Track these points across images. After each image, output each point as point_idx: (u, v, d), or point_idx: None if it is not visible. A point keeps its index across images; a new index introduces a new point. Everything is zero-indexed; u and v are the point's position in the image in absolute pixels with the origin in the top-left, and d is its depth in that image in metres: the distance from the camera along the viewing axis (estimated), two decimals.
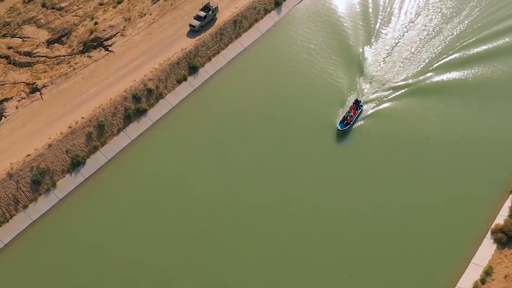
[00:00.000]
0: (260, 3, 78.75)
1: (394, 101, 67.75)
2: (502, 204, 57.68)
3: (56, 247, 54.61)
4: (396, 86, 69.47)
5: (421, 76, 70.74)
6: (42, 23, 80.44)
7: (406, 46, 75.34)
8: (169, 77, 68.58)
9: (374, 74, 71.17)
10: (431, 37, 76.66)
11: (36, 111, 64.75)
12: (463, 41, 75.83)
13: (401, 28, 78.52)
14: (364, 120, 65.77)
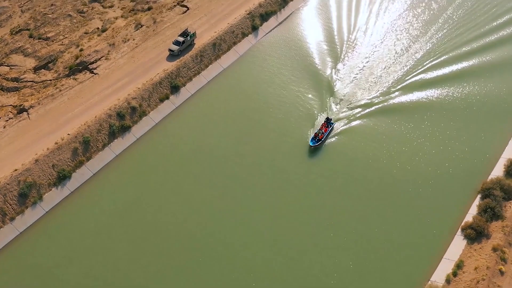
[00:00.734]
0: (238, 27, 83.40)
1: (362, 119, 70.77)
2: (470, 204, 60.72)
3: (42, 258, 55.69)
4: (364, 105, 72.73)
5: (387, 95, 74.32)
6: (29, 52, 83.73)
7: (373, 67, 79.65)
8: (152, 96, 71.78)
9: (343, 95, 74.65)
10: (396, 58, 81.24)
11: (23, 129, 67.09)
12: (427, 63, 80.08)
13: (368, 50, 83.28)
14: (334, 137, 68.57)
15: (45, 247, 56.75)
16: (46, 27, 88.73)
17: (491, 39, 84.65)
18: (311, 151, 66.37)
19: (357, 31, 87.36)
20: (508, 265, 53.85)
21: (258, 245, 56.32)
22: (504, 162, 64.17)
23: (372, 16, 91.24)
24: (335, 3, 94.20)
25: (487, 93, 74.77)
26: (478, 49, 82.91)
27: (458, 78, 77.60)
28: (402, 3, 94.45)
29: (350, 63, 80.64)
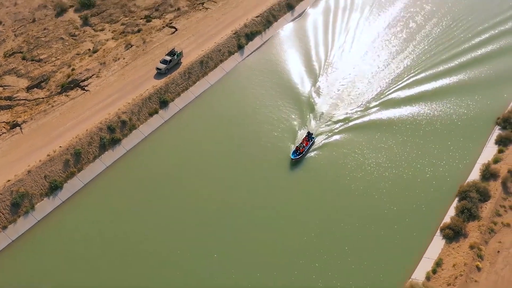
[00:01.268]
0: (224, 46, 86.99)
1: (342, 134, 73.00)
2: (449, 207, 63.24)
3: (33, 265, 57.03)
4: (343, 120, 75.39)
5: (365, 111, 76.95)
6: (22, 73, 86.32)
7: (351, 85, 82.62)
8: (142, 110, 74.42)
9: (323, 111, 77.27)
10: (374, 76, 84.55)
11: (16, 143, 69.16)
12: (404, 81, 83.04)
13: (347, 68, 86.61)
14: (315, 150, 70.86)
15: (36, 255, 58.03)
16: (39, 49, 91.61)
17: (465, 59, 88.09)
18: (292, 163, 68.68)
19: (336, 50, 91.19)
20: (484, 261, 56.03)
21: (242, 255, 57.87)
22: (480, 166, 67.00)
23: (350, 35, 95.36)
24: (316, 24, 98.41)
25: (464, 107, 77.83)
26: (454, 68, 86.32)
27: (435, 95, 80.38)
28: (379, 23, 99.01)
29: (330, 81, 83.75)
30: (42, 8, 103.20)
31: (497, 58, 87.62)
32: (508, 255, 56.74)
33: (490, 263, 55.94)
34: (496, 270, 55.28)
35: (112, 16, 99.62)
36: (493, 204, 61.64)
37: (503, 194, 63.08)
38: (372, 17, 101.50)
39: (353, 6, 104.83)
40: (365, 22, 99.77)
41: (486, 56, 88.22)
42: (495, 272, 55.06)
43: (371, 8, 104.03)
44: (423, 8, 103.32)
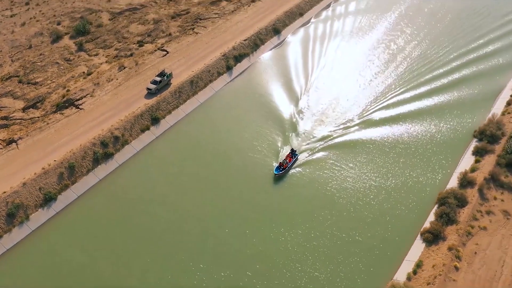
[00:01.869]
0: (213, 67, 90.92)
1: (322, 152, 75.55)
2: (429, 213, 66.04)
3: (27, 273, 58.78)
4: (324, 138, 78.20)
5: (345, 130, 79.83)
6: (18, 95, 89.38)
7: (333, 104, 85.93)
8: (134, 126, 77.43)
9: (306, 130, 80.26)
10: (355, 96, 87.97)
11: (12, 158, 71.64)
12: (383, 102, 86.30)
13: (330, 88, 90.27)
14: (298, 167, 73.38)
15: (30, 264, 59.86)
16: (35, 73, 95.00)
17: (444, 81, 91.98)
18: (275, 178, 71.17)
19: (319, 71, 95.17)
20: (462, 262, 58.44)
21: (227, 267, 59.43)
22: (458, 175, 70.17)
23: (332, 58, 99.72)
24: (301, 47, 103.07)
25: (443, 123, 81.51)
26: (434, 88, 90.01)
27: (416, 113, 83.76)
28: (362, 44, 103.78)
29: (312, 101, 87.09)
30: (38, 35, 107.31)
31: (473, 80, 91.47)
32: (485, 256, 59.25)
33: (467, 264, 58.36)
34: (473, 269, 57.66)
35: (106, 42, 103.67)
36: (470, 209, 64.45)
37: (479, 200, 65.97)
38: (353, 40, 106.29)
39: (336, 30, 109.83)
40: (347, 45, 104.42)
41: (463, 78, 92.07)
42: (472, 272, 57.43)
43: (353, 31, 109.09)
44: (404, 31, 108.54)
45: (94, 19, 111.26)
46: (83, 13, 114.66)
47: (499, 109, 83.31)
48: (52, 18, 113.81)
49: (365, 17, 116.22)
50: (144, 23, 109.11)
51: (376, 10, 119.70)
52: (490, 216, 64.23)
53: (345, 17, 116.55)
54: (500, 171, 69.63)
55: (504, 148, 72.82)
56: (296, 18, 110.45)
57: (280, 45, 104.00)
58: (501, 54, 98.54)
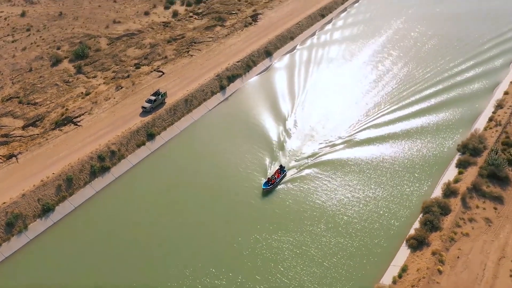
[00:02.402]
0: (207, 87, 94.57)
1: (311, 168, 78.13)
2: (414, 221, 68.59)
3: (25, 280, 60.68)
4: (310, 157, 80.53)
5: (333, 148, 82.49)
6: (18, 114, 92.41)
7: (317, 127, 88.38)
8: (130, 142, 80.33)
9: (292, 149, 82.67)
10: (341, 116, 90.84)
11: (12, 171, 74.15)
12: (368, 123, 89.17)
13: (316, 108, 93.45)
14: (285, 183, 75.69)
15: (28, 271, 61.81)
16: (35, 94, 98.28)
17: (429, 103, 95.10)
18: (263, 193, 73.46)
19: (308, 92, 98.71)
20: (445, 265, 60.65)
21: (217, 277, 61.25)
22: (441, 186, 72.99)
23: (321, 79, 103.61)
24: (291, 69, 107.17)
25: (428, 138, 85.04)
26: (420, 108, 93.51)
27: (401, 133, 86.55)
28: (351, 67, 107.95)
29: (300, 120, 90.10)
30: (39, 59, 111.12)
31: (458, 101, 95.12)
32: (467, 260, 61.52)
33: (450, 267, 60.57)
34: (456, 272, 59.85)
35: (104, 65, 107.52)
36: (453, 217, 67.00)
37: (462, 208, 68.59)
38: (340, 62, 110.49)
39: (326, 52, 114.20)
40: (334, 66, 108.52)
41: (447, 101, 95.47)
42: (455, 275, 59.60)
43: (340, 54, 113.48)
44: (390, 54, 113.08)
45: (93, 44, 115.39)
46: (82, 38, 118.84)
47: (481, 124, 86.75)
48: (52, 43, 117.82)
49: (348, 44, 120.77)
50: (141, 47, 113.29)
51: (363, 35, 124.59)
52: (473, 223, 66.74)
53: (330, 44, 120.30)
54: (482, 181, 72.49)
55: (486, 160, 75.79)
56: (287, 41, 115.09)
57: (267, 70, 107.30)
58: (481, 77, 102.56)
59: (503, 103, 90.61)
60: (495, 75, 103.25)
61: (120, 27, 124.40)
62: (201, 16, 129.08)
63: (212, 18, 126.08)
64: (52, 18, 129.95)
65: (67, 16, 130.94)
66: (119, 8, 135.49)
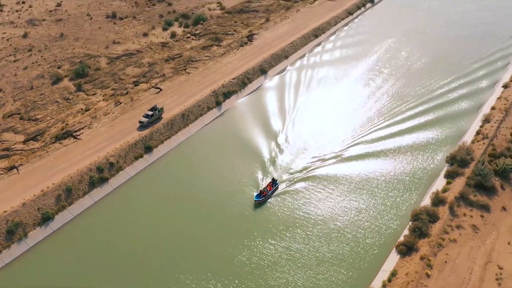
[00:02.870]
0: (204, 102, 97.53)
1: (301, 182, 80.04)
2: (404, 228, 70.72)
3: (24, 286, 62.40)
4: (299, 172, 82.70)
5: (324, 162, 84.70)
6: (19, 130, 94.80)
7: (305, 144, 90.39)
8: (128, 154, 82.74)
9: (282, 165, 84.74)
10: (331, 133, 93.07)
11: (13, 182, 76.27)
12: (354, 142, 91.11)
13: (307, 125, 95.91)
14: (278, 195, 77.54)
15: (27, 278, 63.46)
16: (36, 111, 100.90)
17: (420, 120, 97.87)
18: (255, 205, 75.49)
19: (298, 109, 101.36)
20: (433, 270, 62.51)
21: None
22: (430, 195, 75.33)
23: (313, 95, 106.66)
24: (284, 87, 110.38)
25: (419, 151, 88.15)
26: (410, 123, 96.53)
27: (393, 147, 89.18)
28: (340, 87, 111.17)
29: (292, 136, 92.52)
30: (40, 77, 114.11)
31: (445, 119, 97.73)
32: (454, 265, 63.43)
33: (438, 271, 62.42)
34: (444, 276, 61.70)
35: (103, 83, 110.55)
36: (441, 224, 69.12)
37: (450, 216, 70.77)
38: (330, 81, 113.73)
39: (319, 68, 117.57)
40: (327, 83, 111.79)
41: (436, 118, 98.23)
42: (443, 278, 61.44)
43: (333, 71, 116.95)
44: (382, 72, 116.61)
45: (93, 63, 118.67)
46: (82, 58, 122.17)
47: (469, 137, 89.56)
48: (53, 62, 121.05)
49: (337, 66, 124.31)
50: (140, 66, 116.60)
51: (356, 54, 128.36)
52: (460, 230, 68.85)
53: (320, 66, 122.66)
54: (469, 190, 74.85)
55: (473, 171, 78.29)
56: (282, 60, 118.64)
57: (260, 88, 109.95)
58: (468, 96, 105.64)
59: (490, 118, 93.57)
60: (481, 94, 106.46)
61: (120, 47, 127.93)
62: (198, 37, 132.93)
63: (209, 38, 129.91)
64: (53, 39, 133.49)
65: (68, 37, 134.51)
66: (118, 30, 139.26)
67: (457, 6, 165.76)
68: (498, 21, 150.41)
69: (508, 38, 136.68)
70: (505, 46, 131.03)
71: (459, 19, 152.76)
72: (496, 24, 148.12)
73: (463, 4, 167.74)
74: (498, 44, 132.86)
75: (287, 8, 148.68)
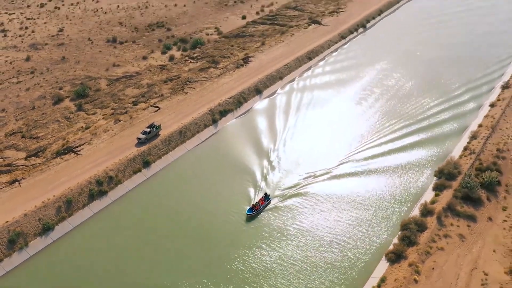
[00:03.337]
0: (200, 120, 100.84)
1: (294, 197, 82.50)
2: (393, 238, 73.17)
3: None
4: (290, 188, 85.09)
5: (311, 179, 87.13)
6: (21, 147, 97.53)
7: (296, 161, 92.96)
8: (127, 169, 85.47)
9: (274, 181, 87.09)
10: (321, 153, 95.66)
11: (15, 194, 78.73)
12: (347, 159, 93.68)
13: (298, 145, 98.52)
14: (271, 210, 79.81)
15: (27, 285, 65.43)
16: (37, 129, 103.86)
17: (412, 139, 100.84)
18: (247, 218, 77.73)
19: (289, 129, 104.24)
20: (421, 276, 64.67)
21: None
22: (419, 206, 77.98)
23: (303, 118, 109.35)
24: (277, 108, 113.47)
25: (410, 166, 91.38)
26: (401, 141, 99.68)
27: (384, 163, 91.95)
28: (330, 108, 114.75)
29: (284, 154, 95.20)
30: (41, 98, 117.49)
31: (434, 138, 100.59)
32: (442, 272, 65.63)
33: (426, 277, 64.58)
34: (431, 282, 63.85)
35: (103, 103, 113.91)
36: (429, 233, 71.56)
37: (437, 226, 73.25)
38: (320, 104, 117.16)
39: (313, 88, 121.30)
40: (319, 103, 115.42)
41: (425, 138, 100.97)
42: (430, 284, 63.57)
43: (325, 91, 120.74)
44: (373, 92, 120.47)
45: (93, 85, 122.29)
46: (83, 80, 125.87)
47: (457, 153, 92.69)
48: (54, 84, 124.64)
49: (324, 91, 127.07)
50: (139, 87, 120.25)
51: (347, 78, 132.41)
52: (447, 239, 71.25)
53: (311, 89, 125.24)
54: (456, 202, 77.54)
55: (460, 184, 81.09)
56: (276, 80, 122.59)
57: (246, 113, 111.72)
58: (455, 119, 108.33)
59: (477, 134, 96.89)
60: (467, 116, 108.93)
61: (119, 69, 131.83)
62: (196, 59, 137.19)
63: (206, 61, 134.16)
64: (55, 62, 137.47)
65: (69, 60, 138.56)
66: (118, 53, 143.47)
67: (446, 29, 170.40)
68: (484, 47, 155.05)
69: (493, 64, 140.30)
70: (490, 71, 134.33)
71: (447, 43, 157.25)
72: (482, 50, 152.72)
73: (455, 27, 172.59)
74: (484, 69, 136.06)
75: (282, 32, 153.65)
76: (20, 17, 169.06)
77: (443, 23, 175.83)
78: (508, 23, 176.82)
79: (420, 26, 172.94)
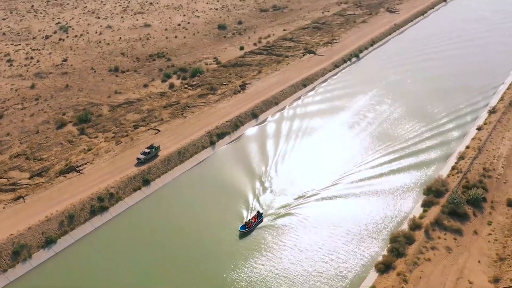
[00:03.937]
0: (198, 142, 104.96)
1: (282, 218, 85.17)
2: (383, 250, 76.20)
3: None
4: (282, 208, 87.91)
5: (302, 200, 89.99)
6: (25, 168, 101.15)
7: (289, 182, 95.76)
8: (127, 186, 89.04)
9: (266, 201, 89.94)
10: (313, 172, 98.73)
11: (20, 210, 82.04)
12: (338, 181, 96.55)
13: (289, 166, 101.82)
14: (260, 228, 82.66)
15: None
16: (41, 152, 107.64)
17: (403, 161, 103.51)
18: (240, 235, 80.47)
19: (284, 153, 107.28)
20: (409, 284, 67.49)
21: None
22: (407, 221, 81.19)
23: (294, 142, 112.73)
24: (270, 133, 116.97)
25: (400, 186, 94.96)
26: (393, 163, 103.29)
27: (375, 180, 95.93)
28: (321, 134, 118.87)
29: (277, 175, 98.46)
30: (45, 123, 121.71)
31: (423, 162, 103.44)
32: (429, 280, 68.42)
33: (413, 285, 67.35)
34: None
35: (105, 127, 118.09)
36: (417, 245, 74.60)
37: (425, 239, 76.31)
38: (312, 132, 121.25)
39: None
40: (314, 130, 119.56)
41: (413, 162, 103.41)
42: None
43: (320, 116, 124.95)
44: (366, 116, 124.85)
45: (96, 111, 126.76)
46: (86, 106, 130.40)
47: (445, 172, 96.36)
48: (58, 110, 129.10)
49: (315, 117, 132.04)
50: (140, 112, 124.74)
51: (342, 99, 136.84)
52: (434, 250, 74.23)
53: (302, 118, 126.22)
54: (443, 217, 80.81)
55: (447, 200, 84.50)
56: (272, 106, 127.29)
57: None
58: (440, 146, 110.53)
59: (464, 155, 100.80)
60: (453, 143, 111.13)
61: (121, 96, 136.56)
62: (195, 87, 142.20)
63: (204, 88, 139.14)
64: (59, 89, 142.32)
65: (72, 88, 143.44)
66: (120, 81, 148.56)
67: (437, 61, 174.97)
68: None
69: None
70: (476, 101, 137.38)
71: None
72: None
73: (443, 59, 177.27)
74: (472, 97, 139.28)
75: (278, 62, 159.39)
76: (25, 48, 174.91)
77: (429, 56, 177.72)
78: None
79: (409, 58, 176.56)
